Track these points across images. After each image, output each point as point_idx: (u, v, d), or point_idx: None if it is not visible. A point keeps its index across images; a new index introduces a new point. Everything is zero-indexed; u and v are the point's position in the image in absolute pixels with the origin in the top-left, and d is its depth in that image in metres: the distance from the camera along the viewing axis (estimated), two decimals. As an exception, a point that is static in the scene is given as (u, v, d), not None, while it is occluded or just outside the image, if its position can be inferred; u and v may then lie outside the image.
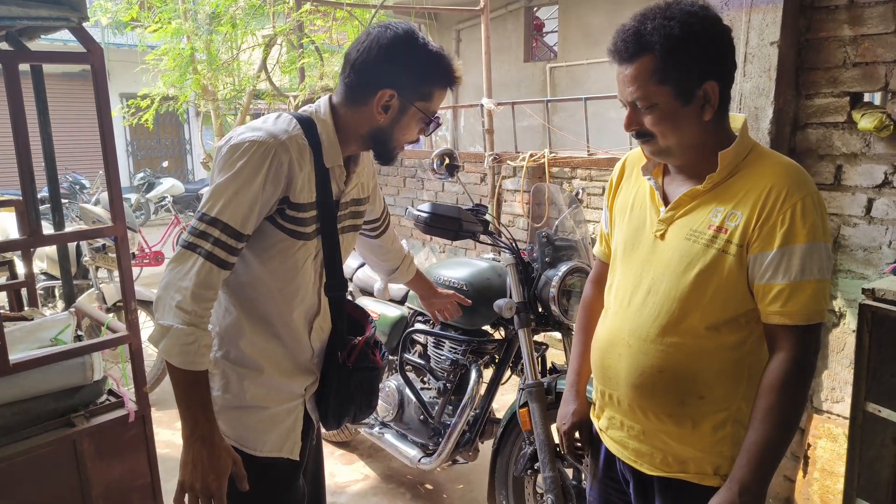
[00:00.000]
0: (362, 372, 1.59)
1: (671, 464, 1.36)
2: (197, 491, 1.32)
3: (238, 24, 6.60)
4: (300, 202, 1.40)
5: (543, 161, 4.59)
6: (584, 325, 1.64)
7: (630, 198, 1.45)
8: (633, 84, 1.22)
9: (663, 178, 1.39)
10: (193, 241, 1.31)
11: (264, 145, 1.33)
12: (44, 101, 2.30)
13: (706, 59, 1.22)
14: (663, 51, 1.19)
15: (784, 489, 2.69)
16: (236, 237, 1.33)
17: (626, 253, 1.41)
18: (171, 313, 1.28)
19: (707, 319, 1.27)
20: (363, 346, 1.60)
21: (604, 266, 1.61)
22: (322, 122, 1.45)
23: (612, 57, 1.26)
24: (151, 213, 10.95)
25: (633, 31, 1.21)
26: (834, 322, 2.45)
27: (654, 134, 1.25)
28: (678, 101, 1.22)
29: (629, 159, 1.52)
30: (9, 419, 1.97)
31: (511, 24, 8.66)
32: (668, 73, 1.20)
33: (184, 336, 1.28)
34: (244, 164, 1.31)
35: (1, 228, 4.74)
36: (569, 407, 1.62)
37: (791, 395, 1.23)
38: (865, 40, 2.25)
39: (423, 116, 1.45)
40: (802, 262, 1.20)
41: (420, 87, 1.42)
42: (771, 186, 1.23)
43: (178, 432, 3.56)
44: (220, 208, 1.30)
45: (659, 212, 1.35)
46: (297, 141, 1.38)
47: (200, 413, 1.33)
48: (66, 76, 12.20)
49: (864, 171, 2.31)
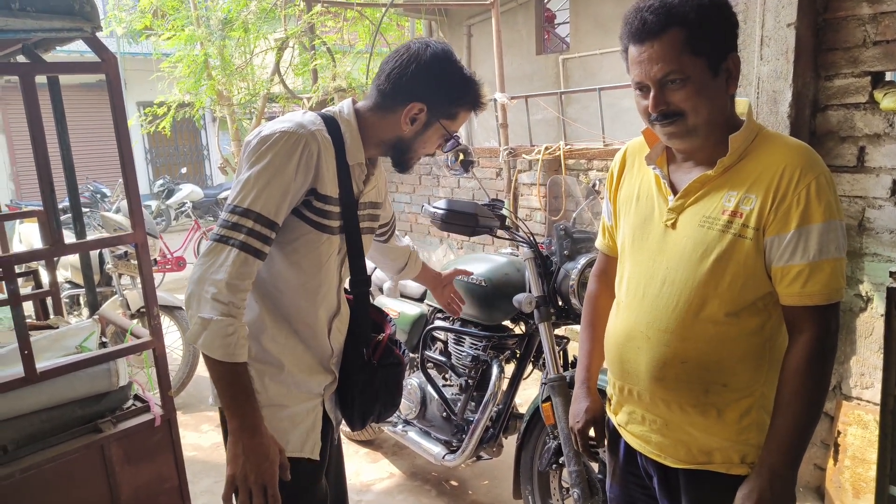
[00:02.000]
0: (387, 368, 1.61)
1: (696, 455, 1.34)
2: (251, 483, 1.31)
3: (250, 29, 6.64)
4: (327, 194, 1.43)
5: (559, 153, 4.56)
6: (591, 321, 1.63)
7: (635, 188, 1.43)
8: (663, 59, 1.19)
9: (668, 167, 1.37)
10: (226, 233, 1.31)
11: (295, 135, 1.35)
12: (61, 112, 2.32)
13: (731, 28, 1.24)
14: (697, 20, 1.18)
15: (815, 478, 2.65)
16: (269, 226, 1.34)
17: (636, 244, 1.39)
18: (207, 305, 1.27)
19: (726, 306, 1.26)
20: (387, 343, 1.62)
21: (608, 259, 1.60)
22: (345, 122, 1.48)
23: (633, 37, 1.23)
24: (172, 219, 11.08)
25: (659, 6, 1.19)
26: (861, 306, 2.41)
27: (684, 111, 1.22)
28: (710, 73, 1.21)
29: (629, 150, 1.49)
30: (37, 426, 2.00)
31: (522, 16, 8.60)
32: (702, 44, 1.19)
33: (223, 328, 1.27)
34: (276, 154, 1.33)
35: (25, 239, 4.82)
36: (581, 404, 1.60)
37: (816, 376, 1.22)
38: (886, 17, 2.20)
39: (445, 133, 1.52)
40: (820, 241, 1.19)
41: (449, 107, 1.49)
42: (784, 168, 1.21)
43: (204, 435, 3.61)
44: (252, 198, 1.31)
45: (667, 201, 1.34)
46: (322, 135, 1.41)
47: (247, 404, 1.33)
48: (85, 86, 12.38)
49: (888, 152, 2.26)
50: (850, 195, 2.38)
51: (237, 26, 6.59)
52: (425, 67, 1.43)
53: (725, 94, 1.25)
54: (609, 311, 1.52)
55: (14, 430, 1.96)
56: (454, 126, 1.52)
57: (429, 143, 1.53)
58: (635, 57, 1.23)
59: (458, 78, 1.47)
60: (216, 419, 3.83)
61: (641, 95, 1.27)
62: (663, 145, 1.38)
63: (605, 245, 1.60)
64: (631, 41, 1.24)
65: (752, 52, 2.43)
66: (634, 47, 1.23)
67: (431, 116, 1.47)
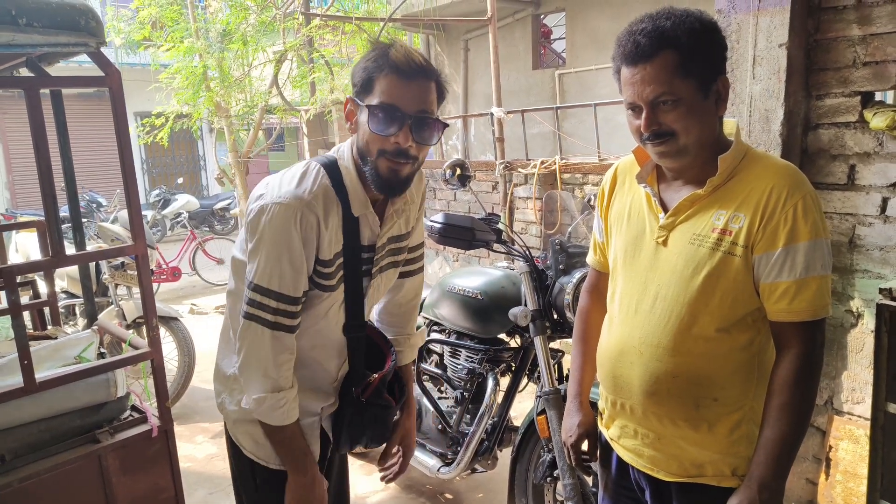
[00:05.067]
0: (375, 408, 1.59)
1: (688, 468, 1.36)
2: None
3: (249, 41, 6.68)
4: (327, 258, 1.40)
5: (555, 168, 4.60)
6: (583, 336, 1.64)
7: (626, 206, 1.46)
8: (655, 81, 1.22)
9: (658, 185, 1.41)
10: (253, 312, 1.37)
11: (290, 208, 1.31)
12: (63, 124, 2.34)
13: (720, 52, 1.28)
14: (689, 44, 1.21)
15: (807, 492, 2.67)
16: (293, 302, 1.38)
17: (627, 261, 1.42)
18: (258, 384, 1.40)
19: (717, 322, 1.29)
20: (378, 385, 1.58)
21: (598, 275, 1.63)
22: (345, 170, 1.40)
23: (626, 59, 1.26)
24: (168, 229, 11.07)
25: (651, 29, 1.22)
26: (852, 322, 2.44)
27: (675, 132, 1.25)
28: (701, 94, 1.24)
29: (620, 168, 1.53)
30: (35, 436, 2.01)
31: (519, 32, 8.69)
32: (693, 67, 1.22)
33: (276, 401, 1.40)
34: (276, 230, 1.32)
35: (21, 249, 4.82)
36: (574, 419, 1.61)
37: (804, 390, 1.26)
38: (875, 39, 2.25)
39: (376, 111, 1.30)
40: (806, 259, 1.23)
41: (361, 82, 1.33)
42: (772, 188, 1.25)
43: (198, 446, 3.60)
44: (268, 279, 1.34)
45: (658, 218, 1.37)
46: (322, 196, 1.35)
47: (302, 458, 1.47)
48: (82, 97, 12.38)
49: (878, 171, 2.30)
50: (841, 212, 2.41)
51: (236, 39, 6.63)
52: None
53: (715, 115, 1.29)
54: (600, 325, 1.54)
55: (13, 440, 1.96)
56: (380, 97, 1.30)
57: (365, 129, 1.33)
58: (628, 78, 1.26)
59: (371, 52, 1.34)
60: (211, 430, 3.82)
61: (634, 115, 1.30)
62: (653, 164, 1.40)
63: (597, 261, 1.63)
64: (624, 63, 1.27)
65: (745, 71, 2.47)
66: (627, 69, 1.26)
67: (356, 102, 1.35)
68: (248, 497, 1.59)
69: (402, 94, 1.29)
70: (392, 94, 1.29)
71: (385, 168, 1.34)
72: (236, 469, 1.59)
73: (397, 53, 1.29)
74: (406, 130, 1.31)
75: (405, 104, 1.30)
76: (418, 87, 1.31)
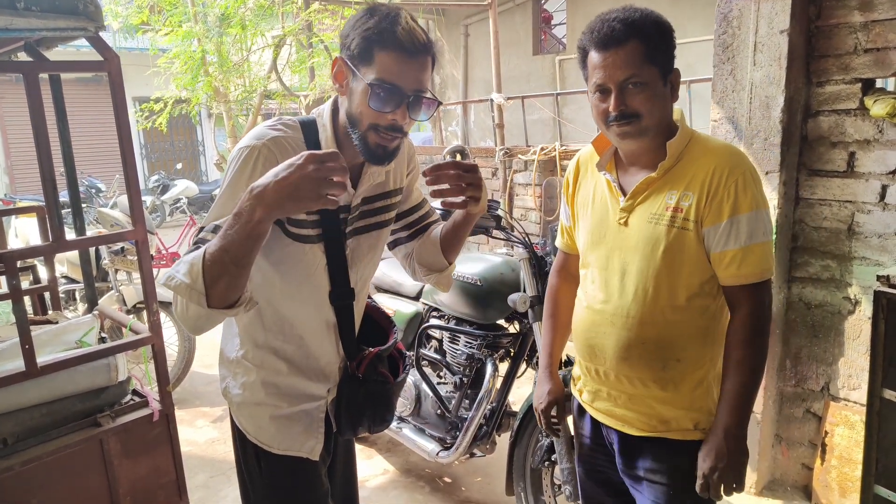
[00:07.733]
0: (371, 384, 1.54)
1: (656, 425, 1.51)
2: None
3: (248, 26, 6.65)
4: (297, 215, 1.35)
5: (554, 154, 4.60)
6: (552, 312, 1.78)
7: (590, 193, 1.59)
8: (626, 64, 1.35)
9: (617, 171, 1.54)
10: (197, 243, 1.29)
11: (249, 148, 1.31)
12: (62, 109, 2.34)
13: (673, 49, 1.42)
14: (655, 35, 1.36)
15: (802, 477, 2.69)
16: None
17: (595, 242, 1.56)
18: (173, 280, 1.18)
19: (678, 291, 1.44)
20: (373, 359, 1.53)
21: (566, 257, 1.77)
22: (322, 128, 1.39)
23: (599, 43, 1.37)
24: (167, 214, 11.07)
25: (621, 20, 1.36)
26: (849, 309, 2.45)
27: (641, 113, 1.37)
28: (661, 81, 1.38)
29: (581, 158, 1.66)
30: (37, 420, 2.02)
31: (519, 17, 8.64)
32: (657, 56, 1.36)
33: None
34: (235, 170, 1.31)
35: (22, 234, 4.82)
36: (544, 387, 1.75)
37: (756, 344, 1.42)
38: (877, 26, 2.24)
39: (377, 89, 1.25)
40: (749, 228, 1.37)
41: (359, 49, 1.26)
42: (714, 167, 1.39)
43: (199, 430, 3.63)
44: (214, 216, 1.29)
45: (619, 202, 1.50)
46: (289, 142, 1.33)
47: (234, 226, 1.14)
48: (81, 81, 12.31)
49: (878, 158, 2.30)
50: (840, 200, 2.42)
51: (235, 23, 6.59)
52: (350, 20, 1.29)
53: (670, 101, 1.43)
54: (569, 302, 1.71)
55: (15, 424, 1.98)
56: (380, 74, 1.25)
57: (360, 101, 1.28)
58: (598, 62, 1.38)
59: (374, 17, 1.26)
60: (212, 415, 3.85)
61: (600, 98, 1.41)
62: (612, 153, 1.54)
63: (565, 244, 1.76)
64: (595, 47, 1.39)
65: (746, 57, 2.47)
66: (598, 53, 1.38)
67: (349, 66, 1.28)
68: (253, 482, 1.58)
69: (403, 72, 1.26)
70: (394, 71, 1.26)
71: (374, 140, 1.32)
72: (240, 454, 1.59)
73: (403, 31, 1.25)
74: (403, 109, 1.29)
75: (405, 83, 1.27)
76: (419, 64, 1.29)
